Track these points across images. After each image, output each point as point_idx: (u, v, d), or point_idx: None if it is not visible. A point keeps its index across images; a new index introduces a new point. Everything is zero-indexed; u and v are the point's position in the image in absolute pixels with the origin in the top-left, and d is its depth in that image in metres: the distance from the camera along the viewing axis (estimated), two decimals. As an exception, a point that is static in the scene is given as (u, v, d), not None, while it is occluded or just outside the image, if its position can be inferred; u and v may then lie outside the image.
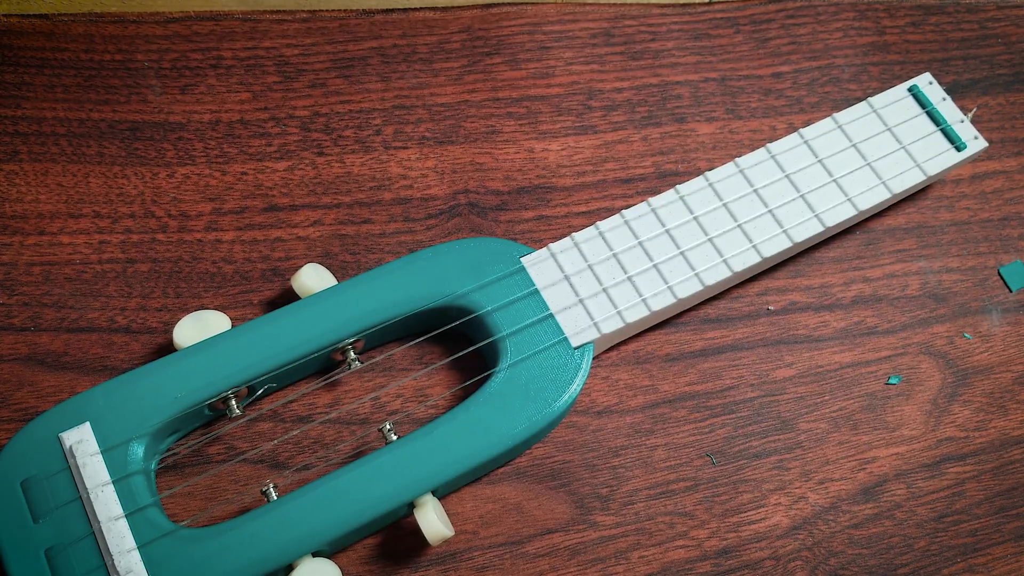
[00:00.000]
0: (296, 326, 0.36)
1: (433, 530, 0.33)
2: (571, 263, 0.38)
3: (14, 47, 0.45)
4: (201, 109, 0.44)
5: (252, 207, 0.42)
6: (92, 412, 0.34)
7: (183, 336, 0.36)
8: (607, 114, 0.46)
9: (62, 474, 0.33)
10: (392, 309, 0.37)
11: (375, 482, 0.33)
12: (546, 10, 0.49)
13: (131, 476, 0.33)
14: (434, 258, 0.38)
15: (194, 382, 0.34)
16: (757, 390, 0.41)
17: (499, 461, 0.37)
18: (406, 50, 0.47)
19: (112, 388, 0.34)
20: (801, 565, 0.38)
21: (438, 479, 0.34)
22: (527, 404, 0.36)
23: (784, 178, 0.41)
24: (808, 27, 0.50)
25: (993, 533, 0.40)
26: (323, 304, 0.36)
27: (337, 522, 0.33)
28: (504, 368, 0.36)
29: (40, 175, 0.42)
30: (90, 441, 0.33)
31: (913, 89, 0.44)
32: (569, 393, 0.36)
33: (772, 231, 0.40)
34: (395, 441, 0.35)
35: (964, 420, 0.42)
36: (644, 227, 0.40)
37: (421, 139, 0.45)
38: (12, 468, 0.33)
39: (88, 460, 0.33)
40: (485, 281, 0.38)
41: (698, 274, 0.39)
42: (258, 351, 0.35)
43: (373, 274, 0.37)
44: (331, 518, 0.33)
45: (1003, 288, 0.45)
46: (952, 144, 0.43)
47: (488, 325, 0.37)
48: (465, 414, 0.35)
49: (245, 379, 0.35)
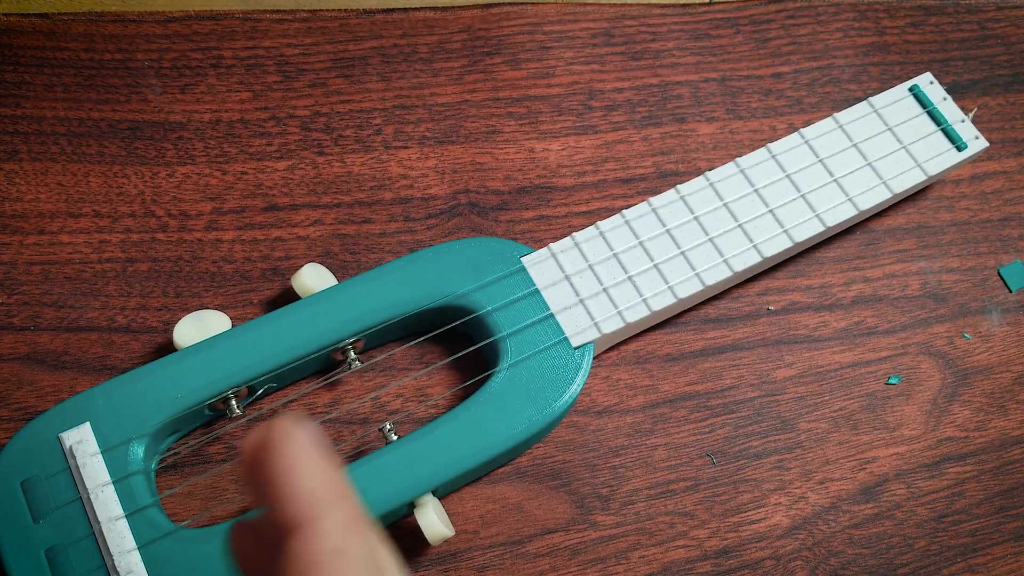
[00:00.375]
0: (296, 326, 0.36)
1: (433, 530, 0.33)
2: (571, 263, 0.38)
3: (14, 46, 0.45)
4: (201, 108, 0.44)
5: (252, 206, 0.42)
6: (92, 412, 0.34)
7: (183, 336, 0.36)
8: (607, 114, 0.46)
9: (62, 474, 0.33)
10: (392, 309, 0.36)
11: (376, 482, 0.33)
12: (546, 10, 0.49)
13: (131, 476, 0.33)
14: (434, 258, 0.38)
15: (194, 382, 0.34)
16: (757, 390, 0.41)
17: (500, 461, 0.37)
18: (406, 50, 0.47)
19: (112, 388, 0.34)
20: (801, 565, 0.38)
21: (438, 479, 0.34)
22: (528, 404, 0.36)
23: (785, 178, 0.41)
24: (808, 27, 0.50)
25: (993, 533, 0.40)
26: (323, 304, 0.36)
27: None
28: (505, 368, 0.36)
29: (40, 174, 0.42)
30: (90, 441, 0.33)
31: (914, 89, 0.44)
32: (570, 393, 0.36)
33: (773, 231, 0.40)
34: (395, 441, 0.35)
35: (964, 420, 0.42)
36: (645, 227, 0.40)
37: (421, 139, 0.45)
38: (12, 468, 0.33)
39: (88, 460, 0.33)
40: (485, 281, 0.38)
41: (699, 274, 0.39)
42: (258, 351, 0.35)
43: (373, 274, 0.37)
44: None
45: (1003, 288, 0.45)
46: (953, 144, 0.43)
47: (488, 325, 0.37)
48: (466, 414, 0.35)
49: (245, 379, 0.35)
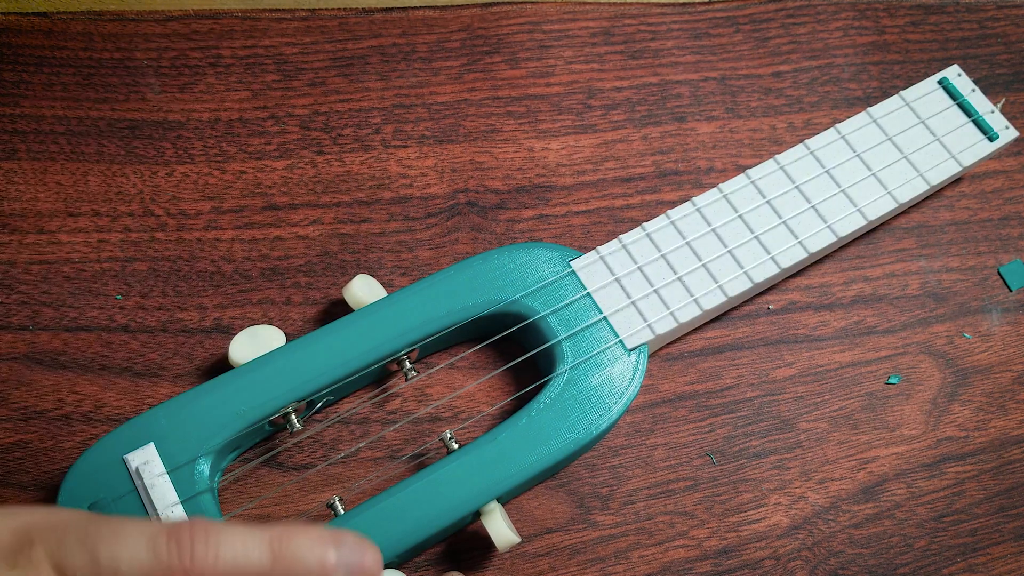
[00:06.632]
0: (352, 339, 0.36)
1: (503, 537, 0.33)
2: (620, 265, 0.38)
3: (13, 45, 0.45)
4: (200, 108, 0.44)
5: (251, 206, 0.42)
6: (155, 432, 0.34)
7: (239, 353, 0.36)
8: (607, 113, 0.46)
9: (129, 496, 0.33)
10: (446, 318, 0.37)
11: (443, 491, 0.34)
12: (546, 9, 0.49)
13: (199, 495, 0.33)
14: (484, 265, 0.38)
15: (256, 398, 0.34)
16: (757, 390, 0.41)
17: (561, 465, 0.37)
18: (405, 49, 0.47)
19: (174, 407, 0.34)
20: (801, 565, 0.38)
21: (506, 485, 0.34)
22: (588, 407, 0.36)
23: (824, 173, 0.41)
24: (808, 26, 0.50)
25: (993, 533, 0.40)
26: (376, 315, 0.36)
27: (407, 534, 0.33)
28: (563, 372, 0.36)
29: (39, 173, 0.42)
30: (156, 462, 0.33)
31: (943, 81, 0.44)
32: (628, 394, 0.36)
33: (816, 226, 0.40)
34: (459, 450, 0.35)
35: (964, 420, 0.42)
36: (690, 226, 0.40)
37: (421, 138, 0.45)
38: (78, 492, 0.33)
39: (156, 481, 0.33)
40: (537, 286, 0.38)
41: (747, 272, 0.39)
42: (316, 365, 0.35)
43: (424, 284, 0.37)
44: (401, 530, 0.33)
45: (1003, 288, 0.45)
46: (984, 135, 0.43)
47: (543, 330, 0.37)
48: (528, 419, 0.35)
49: (305, 393, 0.35)
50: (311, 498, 0.37)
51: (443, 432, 0.36)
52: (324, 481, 0.37)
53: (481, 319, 0.37)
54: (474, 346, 0.39)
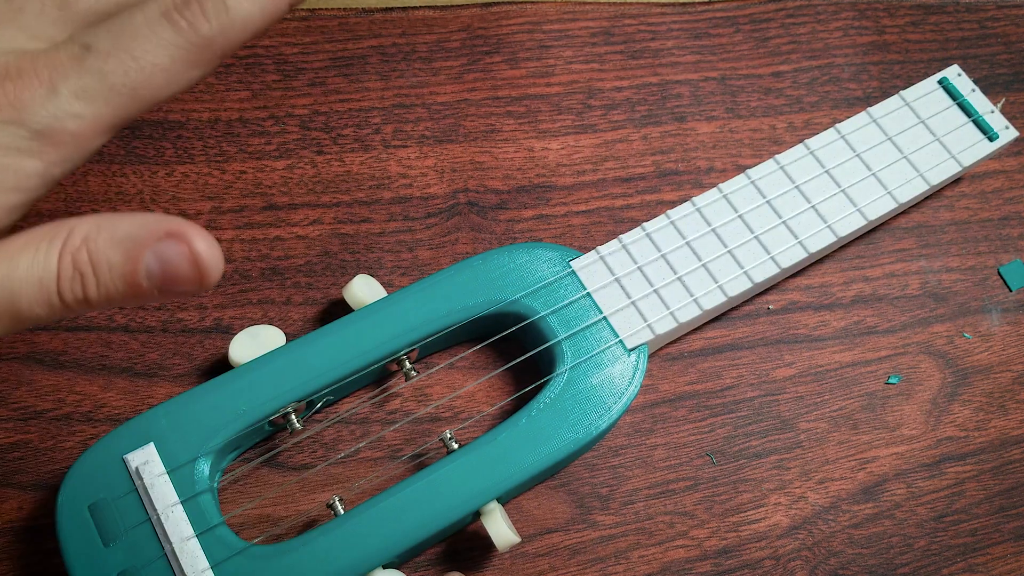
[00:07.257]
0: (352, 339, 0.36)
1: (503, 537, 0.33)
2: (620, 265, 0.38)
3: (12, 45, 0.45)
4: (200, 107, 0.44)
5: (251, 206, 0.42)
6: (155, 432, 0.33)
7: (239, 353, 0.36)
8: (607, 113, 0.46)
9: (129, 496, 0.33)
10: (446, 318, 0.37)
11: (444, 491, 0.34)
12: (546, 9, 0.49)
13: (199, 495, 0.33)
14: (483, 265, 0.38)
15: (256, 398, 0.34)
16: (757, 390, 0.41)
17: (562, 465, 0.37)
18: (405, 49, 0.47)
19: (174, 407, 0.34)
20: (801, 565, 0.38)
21: (506, 485, 0.34)
22: (588, 406, 0.36)
23: (824, 173, 0.41)
24: (808, 26, 0.50)
25: (993, 533, 0.40)
26: (376, 316, 0.36)
27: (407, 533, 0.33)
28: (563, 371, 0.36)
29: (38, 173, 0.42)
30: (156, 462, 0.33)
31: (943, 81, 0.44)
32: (628, 394, 0.36)
33: (816, 227, 0.40)
34: (458, 450, 0.35)
35: (964, 420, 0.42)
36: (690, 226, 0.40)
37: (421, 138, 0.45)
38: (78, 493, 0.33)
39: (156, 481, 0.33)
40: (536, 286, 0.38)
41: (747, 272, 0.39)
42: (317, 364, 0.35)
43: (424, 284, 0.37)
44: (401, 530, 0.33)
45: (1003, 288, 0.45)
46: (984, 135, 0.43)
47: (543, 330, 0.37)
48: (528, 419, 0.35)
49: (306, 393, 0.35)
50: (311, 498, 0.37)
51: (443, 432, 0.36)
52: (324, 481, 0.37)
53: (481, 319, 0.37)
54: (474, 346, 0.39)
